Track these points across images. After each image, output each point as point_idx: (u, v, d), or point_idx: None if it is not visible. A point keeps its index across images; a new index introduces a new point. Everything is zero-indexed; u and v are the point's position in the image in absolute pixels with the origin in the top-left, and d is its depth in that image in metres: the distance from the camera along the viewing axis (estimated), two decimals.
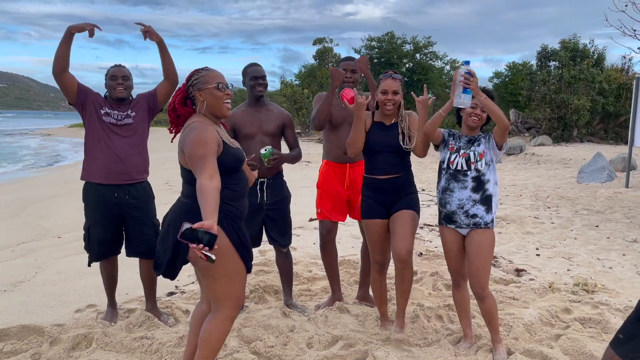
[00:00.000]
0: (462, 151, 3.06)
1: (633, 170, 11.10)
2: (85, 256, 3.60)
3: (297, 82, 35.39)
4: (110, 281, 3.57)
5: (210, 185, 2.22)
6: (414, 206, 3.24)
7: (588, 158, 12.77)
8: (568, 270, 4.80)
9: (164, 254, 2.40)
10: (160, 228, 2.62)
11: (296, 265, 4.57)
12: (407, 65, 33.23)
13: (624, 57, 23.32)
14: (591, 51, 22.56)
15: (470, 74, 2.82)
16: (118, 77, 3.42)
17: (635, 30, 9.01)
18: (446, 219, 3.09)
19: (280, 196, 3.66)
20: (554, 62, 22.78)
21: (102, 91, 3.52)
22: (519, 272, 4.71)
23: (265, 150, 3.39)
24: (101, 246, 3.44)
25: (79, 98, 3.39)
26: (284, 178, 3.76)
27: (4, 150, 25.14)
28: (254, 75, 3.58)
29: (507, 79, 31.14)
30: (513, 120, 23.62)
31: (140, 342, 3.16)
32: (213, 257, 2.04)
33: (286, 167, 3.74)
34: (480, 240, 2.98)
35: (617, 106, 21.60)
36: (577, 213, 7.45)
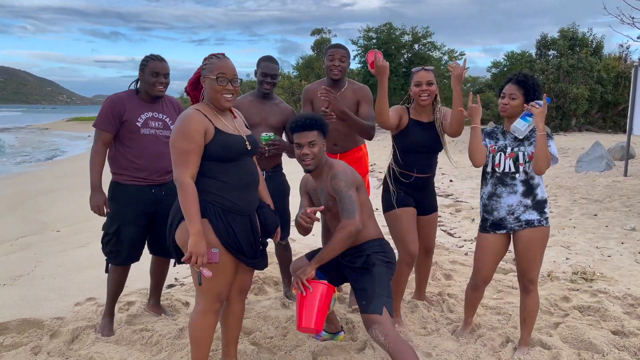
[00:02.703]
0: (508, 150, 2.83)
1: (631, 158, 11.12)
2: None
3: (295, 74, 35.18)
4: (119, 290, 3.34)
5: (192, 187, 2.22)
6: (436, 206, 3.47)
7: (587, 147, 12.77)
8: (567, 258, 4.81)
9: (168, 241, 2.43)
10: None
11: (295, 257, 4.56)
12: (405, 56, 33.05)
13: (621, 45, 23.27)
14: (590, 40, 22.50)
15: (540, 104, 2.70)
16: (160, 74, 3.17)
17: (633, 18, 8.96)
18: (493, 226, 2.88)
19: (280, 189, 3.62)
20: (552, 51, 22.71)
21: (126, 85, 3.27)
22: None
23: (267, 134, 3.37)
24: (131, 249, 3.22)
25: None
26: (283, 171, 3.74)
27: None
28: (264, 72, 3.53)
29: (505, 69, 31.02)
30: None
31: (140, 334, 3.17)
32: (206, 273, 2.26)
33: (284, 160, 3.72)
34: (532, 236, 2.80)
35: (616, 95, 21.56)
36: (575, 202, 7.46)
